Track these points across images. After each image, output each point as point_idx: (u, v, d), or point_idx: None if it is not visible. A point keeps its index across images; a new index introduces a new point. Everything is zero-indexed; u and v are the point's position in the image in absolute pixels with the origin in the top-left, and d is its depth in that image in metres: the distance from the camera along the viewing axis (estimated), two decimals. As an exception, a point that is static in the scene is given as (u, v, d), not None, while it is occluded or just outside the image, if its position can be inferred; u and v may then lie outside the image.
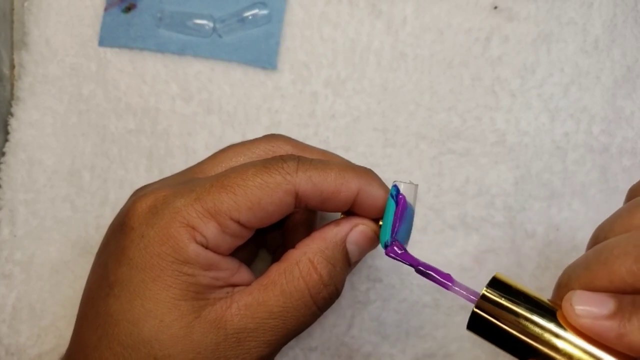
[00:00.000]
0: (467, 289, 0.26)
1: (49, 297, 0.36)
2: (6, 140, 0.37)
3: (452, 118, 0.37)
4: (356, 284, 0.36)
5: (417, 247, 0.36)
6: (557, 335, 0.23)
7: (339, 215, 0.29)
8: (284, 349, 0.35)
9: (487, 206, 0.36)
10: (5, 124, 0.37)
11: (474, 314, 0.25)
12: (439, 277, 0.26)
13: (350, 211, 0.28)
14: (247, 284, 0.27)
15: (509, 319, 0.24)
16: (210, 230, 0.26)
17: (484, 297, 0.25)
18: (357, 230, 0.28)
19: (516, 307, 0.24)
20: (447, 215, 0.36)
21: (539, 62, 0.37)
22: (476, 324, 0.25)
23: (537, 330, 0.24)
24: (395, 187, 0.27)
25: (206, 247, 0.26)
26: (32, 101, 0.37)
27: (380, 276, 0.36)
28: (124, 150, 0.37)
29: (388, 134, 0.37)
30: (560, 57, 0.37)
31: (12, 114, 0.37)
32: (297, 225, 0.31)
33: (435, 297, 0.36)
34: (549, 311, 0.24)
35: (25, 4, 0.38)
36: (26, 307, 0.36)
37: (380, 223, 0.28)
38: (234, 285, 0.27)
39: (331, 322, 0.36)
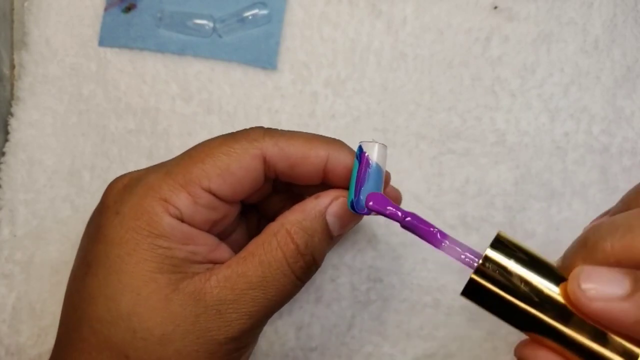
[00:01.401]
0: (463, 247, 0.23)
1: (49, 297, 0.36)
2: (6, 140, 0.37)
3: (452, 118, 0.37)
4: (356, 284, 0.36)
5: (417, 247, 0.36)
6: (564, 314, 0.20)
7: None
8: (284, 349, 0.35)
9: (487, 206, 0.36)
10: (5, 124, 0.37)
11: (472, 280, 0.22)
12: (427, 229, 0.24)
13: (329, 185, 0.28)
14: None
15: (513, 287, 0.21)
16: (182, 201, 0.26)
17: (486, 259, 0.22)
18: (337, 202, 0.28)
19: (522, 273, 0.21)
20: (447, 215, 0.36)
21: (539, 62, 0.37)
22: (474, 291, 0.22)
23: (544, 303, 0.20)
24: (360, 146, 0.27)
25: (182, 220, 0.26)
26: (32, 101, 0.37)
27: (381, 276, 0.36)
28: (124, 150, 0.37)
29: (388, 134, 0.37)
30: (560, 57, 0.37)
31: (12, 114, 0.37)
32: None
33: (436, 297, 0.36)
34: (560, 280, 0.21)
35: (25, 4, 0.38)
36: (26, 307, 0.36)
37: None
38: (215, 262, 0.27)
39: (331, 322, 0.36)
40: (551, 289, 0.21)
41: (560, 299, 0.21)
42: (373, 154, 0.27)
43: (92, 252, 0.26)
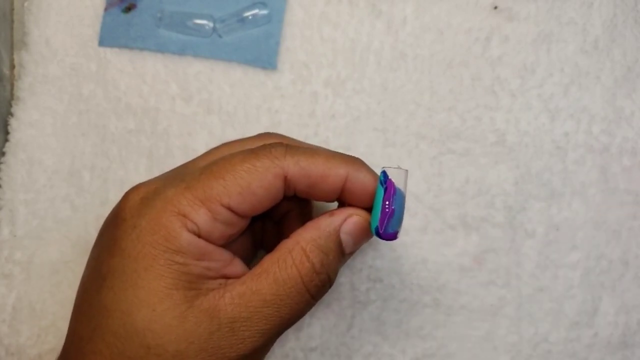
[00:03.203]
0: None
1: (49, 297, 0.36)
2: (6, 140, 0.37)
3: (452, 118, 0.37)
4: (356, 284, 0.36)
5: (417, 247, 0.36)
6: None
7: (335, 206, 0.29)
8: (284, 349, 0.35)
9: (487, 206, 0.36)
10: (5, 124, 0.37)
11: None
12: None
13: (343, 202, 0.28)
14: (241, 276, 0.27)
15: None
16: (201, 217, 0.26)
17: None
18: (351, 220, 0.28)
19: None
20: (447, 215, 0.36)
21: (539, 62, 0.37)
22: None
23: None
24: (384, 172, 0.27)
25: (198, 236, 0.26)
26: (32, 101, 0.37)
27: (381, 276, 0.36)
28: (124, 150, 0.37)
29: (388, 134, 0.37)
30: (560, 57, 0.37)
31: (12, 114, 0.37)
32: (294, 223, 0.31)
33: (435, 297, 0.36)
34: None
35: (25, 4, 0.38)
36: (26, 307, 0.36)
37: None
38: (227, 277, 0.27)
39: (331, 322, 0.36)
40: None
41: None
42: (398, 181, 0.27)
43: (108, 265, 0.26)
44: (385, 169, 0.27)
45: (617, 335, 0.36)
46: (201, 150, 0.37)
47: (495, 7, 0.38)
